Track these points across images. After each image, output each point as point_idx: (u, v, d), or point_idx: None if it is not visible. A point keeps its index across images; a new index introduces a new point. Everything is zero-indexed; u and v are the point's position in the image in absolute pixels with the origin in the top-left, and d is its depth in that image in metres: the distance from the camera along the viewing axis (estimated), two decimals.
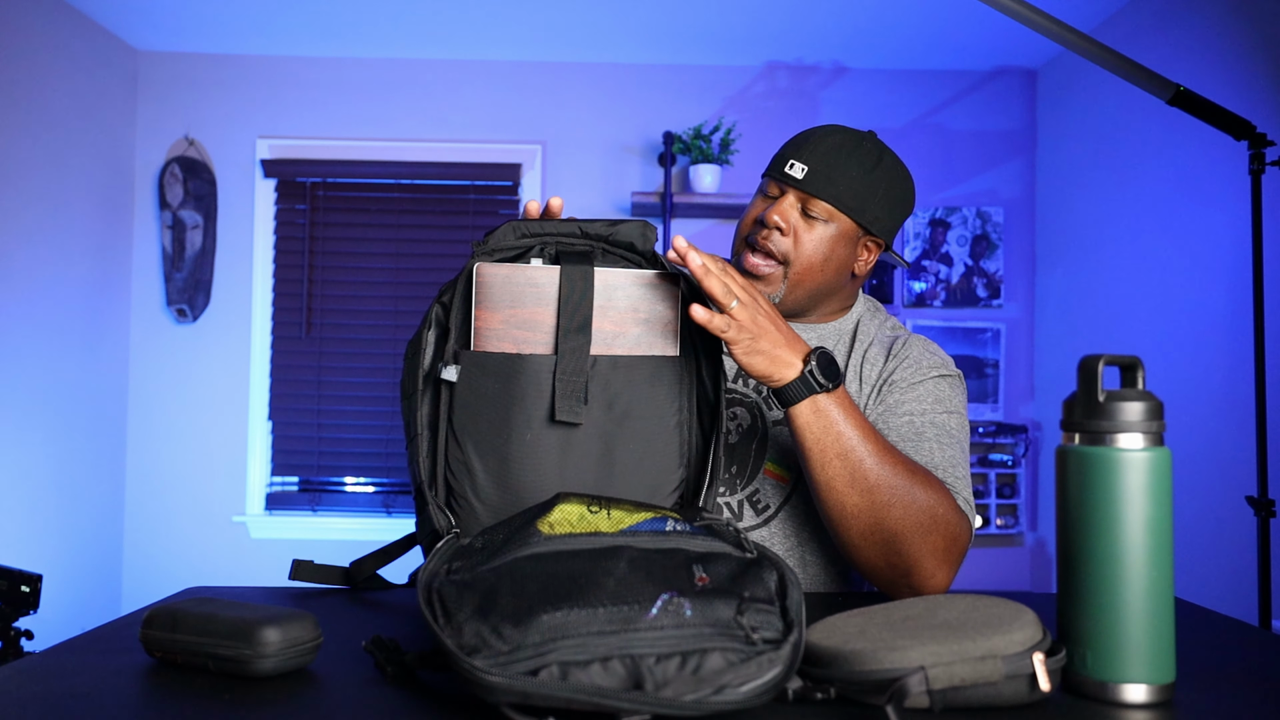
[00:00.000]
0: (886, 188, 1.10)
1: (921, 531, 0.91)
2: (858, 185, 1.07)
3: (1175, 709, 0.61)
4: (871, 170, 1.08)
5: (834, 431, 0.91)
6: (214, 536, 3.36)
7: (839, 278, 1.12)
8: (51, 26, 2.92)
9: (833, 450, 0.91)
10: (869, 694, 0.59)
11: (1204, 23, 2.52)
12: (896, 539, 0.91)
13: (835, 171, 1.07)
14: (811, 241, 1.08)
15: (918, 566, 0.92)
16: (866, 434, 0.92)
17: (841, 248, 1.09)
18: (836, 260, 1.10)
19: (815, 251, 1.08)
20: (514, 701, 0.53)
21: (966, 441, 1.07)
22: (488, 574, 0.63)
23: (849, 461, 0.91)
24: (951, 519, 0.94)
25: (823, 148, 1.08)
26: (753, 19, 3.05)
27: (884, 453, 0.92)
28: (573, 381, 0.84)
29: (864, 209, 1.08)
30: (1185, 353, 2.55)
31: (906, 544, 0.91)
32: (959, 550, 0.94)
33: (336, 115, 3.42)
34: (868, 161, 1.08)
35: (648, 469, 0.87)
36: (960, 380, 1.12)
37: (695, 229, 3.40)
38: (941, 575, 0.93)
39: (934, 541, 0.92)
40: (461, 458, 0.85)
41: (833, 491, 0.92)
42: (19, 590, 2.16)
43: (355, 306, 3.42)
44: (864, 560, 0.94)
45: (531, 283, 0.85)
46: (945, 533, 0.93)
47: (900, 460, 0.94)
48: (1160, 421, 0.63)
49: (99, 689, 0.63)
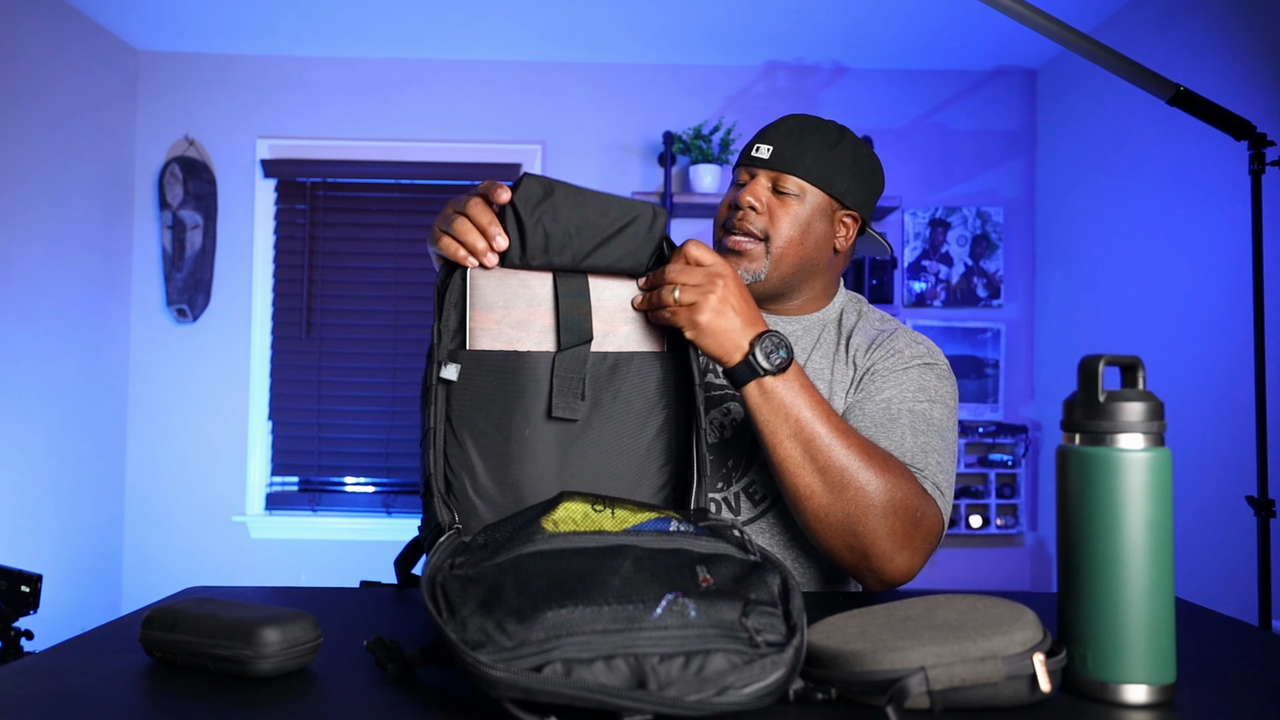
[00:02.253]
0: (853, 160, 1.13)
1: (877, 514, 0.91)
2: (823, 159, 1.11)
3: (1176, 709, 0.61)
4: (834, 145, 1.12)
5: (783, 413, 0.91)
6: (214, 536, 3.36)
7: (821, 253, 1.13)
8: (51, 26, 2.92)
9: (783, 431, 0.92)
10: (869, 695, 0.59)
11: (1204, 23, 2.52)
12: (852, 521, 0.92)
13: (799, 148, 1.11)
14: (787, 216, 1.10)
15: (874, 549, 0.92)
16: (821, 415, 0.92)
17: (819, 221, 1.12)
18: (816, 234, 1.12)
19: (793, 225, 1.10)
20: (517, 697, 0.53)
21: (949, 431, 1.06)
22: (492, 570, 0.63)
23: (800, 442, 0.91)
24: (912, 503, 0.93)
25: (784, 128, 1.13)
26: (753, 19, 3.05)
27: (839, 434, 0.92)
28: (570, 378, 0.86)
29: (833, 180, 1.11)
30: (1185, 353, 2.55)
31: (862, 526, 0.92)
32: (923, 535, 0.94)
33: (336, 115, 3.42)
34: (829, 138, 1.12)
35: (638, 464, 0.88)
36: (947, 371, 1.12)
37: (695, 229, 3.40)
38: (902, 560, 0.93)
39: (891, 525, 0.92)
40: (461, 454, 0.86)
41: (787, 472, 0.93)
42: (19, 590, 2.16)
43: (355, 306, 3.42)
44: (824, 542, 0.95)
45: (524, 284, 0.87)
46: (904, 517, 0.92)
47: (858, 442, 0.93)
48: (1161, 422, 0.63)
49: (99, 689, 0.63)
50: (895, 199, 3.32)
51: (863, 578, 0.97)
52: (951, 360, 3.42)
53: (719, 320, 0.89)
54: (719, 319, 0.89)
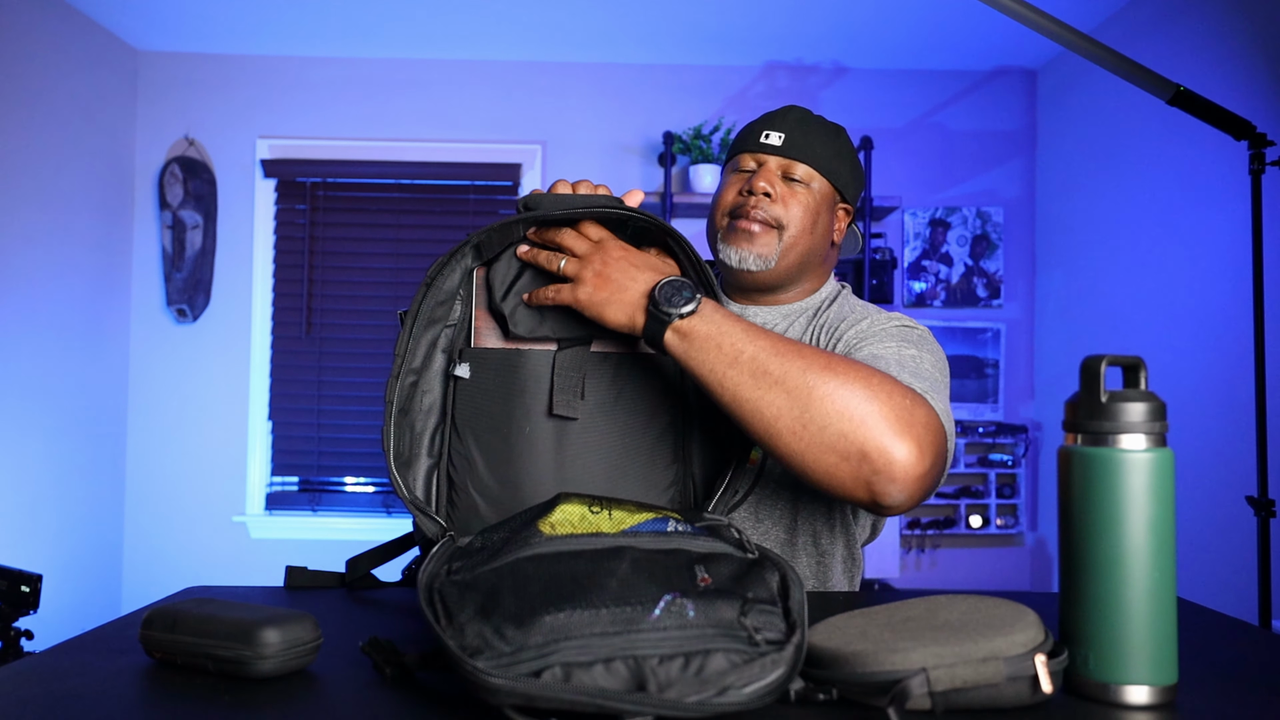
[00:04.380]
0: (850, 155, 1.15)
1: (859, 401, 0.77)
2: (829, 150, 1.12)
3: (1177, 710, 0.60)
4: (835, 138, 1.14)
5: (714, 344, 0.80)
6: (214, 536, 3.36)
7: (824, 243, 1.14)
8: (51, 26, 2.92)
9: (721, 364, 0.80)
10: (871, 696, 0.59)
11: (1204, 23, 2.52)
12: (832, 419, 0.77)
13: (809, 137, 1.11)
14: (799, 205, 1.09)
15: (870, 444, 0.77)
16: (757, 334, 0.81)
17: (825, 211, 1.12)
18: (822, 224, 1.12)
19: (804, 214, 1.10)
20: (517, 703, 0.53)
21: (940, 379, 0.97)
22: (489, 575, 0.63)
23: (744, 367, 0.80)
24: (897, 391, 0.80)
25: (792, 118, 1.13)
26: (753, 19, 3.05)
27: (788, 345, 0.81)
28: (570, 376, 0.87)
29: (838, 172, 1.12)
30: (1185, 353, 2.55)
31: (846, 421, 0.77)
32: (921, 425, 0.79)
33: (336, 115, 3.42)
34: (830, 130, 1.14)
35: (642, 464, 0.88)
36: (929, 337, 1.04)
37: (695, 229, 3.40)
38: (905, 451, 0.77)
39: (879, 409, 0.78)
40: (463, 450, 0.87)
41: (743, 403, 0.80)
42: (19, 590, 2.16)
43: (355, 306, 3.42)
44: (816, 466, 0.79)
45: None
46: (893, 403, 0.78)
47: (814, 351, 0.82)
48: (1163, 422, 0.63)
49: (99, 689, 0.63)
50: (895, 199, 3.31)
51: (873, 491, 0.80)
52: (951, 360, 3.42)
53: (605, 285, 0.82)
54: (605, 283, 0.83)
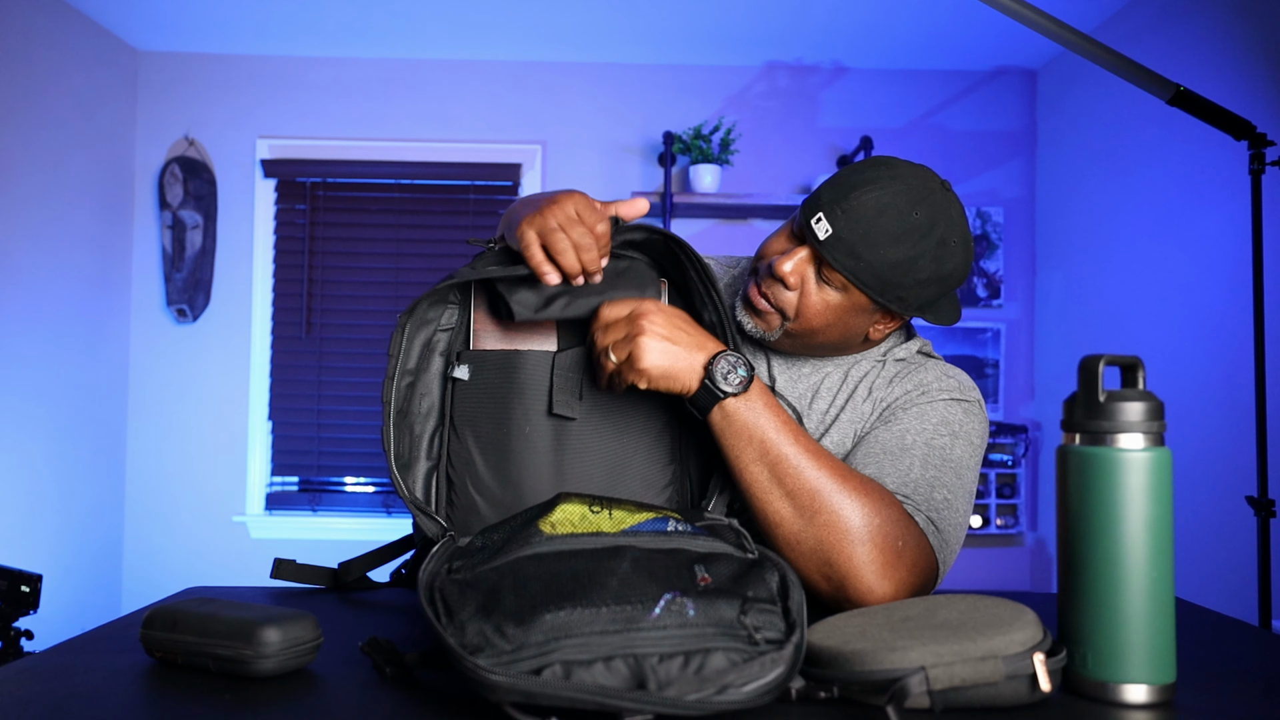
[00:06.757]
0: (932, 264, 0.93)
1: (852, 540, 0.83)
2: (887, 264, 0.91)
3: (1175, 709, 0.61)
4: (914, 245, 0.91)
5: (747, 435, 0.85)
6: (214, 536, 3.36)
7: (844, 341, 1.02)
8: (51, 26, 2.92)
9: (749, 454, 0.85)
10: (870, 694, 0.59)
11: (1204, 23, 2.52)
12: (825, 548, 0.83)
13: (865, 244, 0.91)
14: (816, 305, 0.96)
15: (851, 579, 0.83)
16: (788, 436, 0.85)
17: (851, 317, 0.98)
18: (842, 327, 0.99)
19: (818, 315, 0.97)
20: (517, 701, 0.54)
21: (967, 472, 0.97)
22: (490, 573, 0.63)
23: (767, 465, 0.85)
24: (894, 532, 0.84)
25: (860, 208, 0.91)
26: (753, 19, 3.05)
27: (809, 455, 0.85)
28: (570, 377, 0.88)
29: (885, 290, 0.93)
30: (1185, 353, 2.55)
31: (836, 554, 0.83)
32: (907, 566, 0.84)
33: (336, 115, 3.42)
34: (913, 234, 0.91)
35: (641, 463, 0.90)
36: (979, 409, 1.01)
37: (695, 229, 3.41)
38: (883, 591, 0.83)
39: (869, 552, 0.83)
40: (462, 450, 0.87)
41: (755, 498, 0.86)
42: (19, 590, 2.16)
43: (355, 306, 3.42)
44: (799, 570, 0.86)
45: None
46: (884, 545, 0.83)
47: (830, 465, 0.86)
48: (1161, 422, 0.63)
49: (99, 689, 0.63)
50: None
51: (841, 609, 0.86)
52: (951, 360, 3.42)
53: (660, 359, 0.83)
54: (660, 358, 0.83)
